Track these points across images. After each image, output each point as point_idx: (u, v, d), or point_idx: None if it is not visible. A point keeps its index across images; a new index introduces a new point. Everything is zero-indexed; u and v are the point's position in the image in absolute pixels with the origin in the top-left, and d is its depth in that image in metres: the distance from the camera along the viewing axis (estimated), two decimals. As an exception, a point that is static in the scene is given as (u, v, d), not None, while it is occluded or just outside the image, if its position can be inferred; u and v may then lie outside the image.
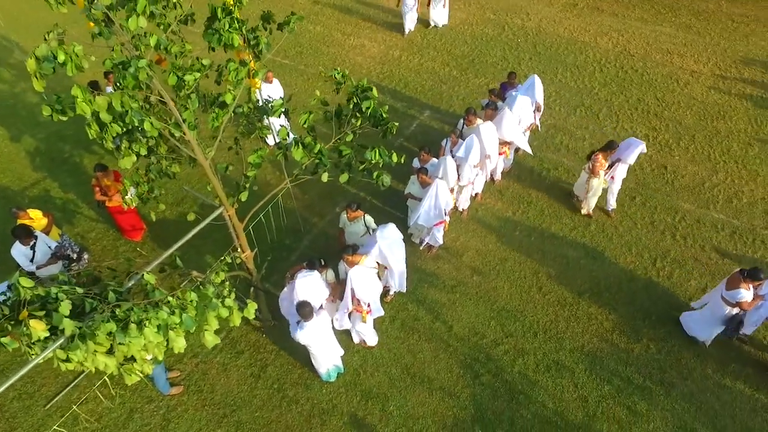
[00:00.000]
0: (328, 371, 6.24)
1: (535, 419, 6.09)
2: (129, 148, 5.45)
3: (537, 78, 8.71)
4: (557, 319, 7.11)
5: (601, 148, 7.78)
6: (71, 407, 6.10)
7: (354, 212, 6.76)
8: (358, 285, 5.89)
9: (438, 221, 7.22)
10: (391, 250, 6.19)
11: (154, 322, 3.98)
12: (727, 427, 6.04)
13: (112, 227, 8.25)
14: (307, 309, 5.30)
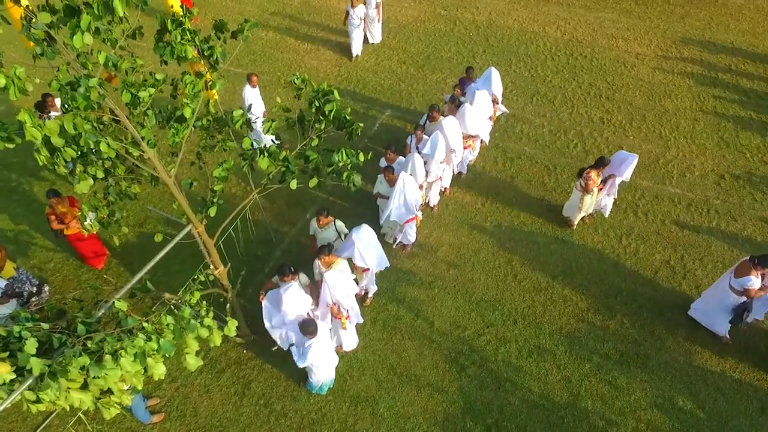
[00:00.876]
0: (322, 384, 6.14)
1: (523, 405, 6.20)
2: (84, 172, 5.20)
3: (494, 70, 8.87)
4: (534, 304, 7.26)
5: (592, 165, 7.49)
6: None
7: (325, 219, 6.68)
8: (335, 288, 5.84)
9: (409, 217, 7.24)
10: (368, 251, 6.17)
11: (131, 350, 3.81)
12: (701, 390, 6.32)
13: (72, 255, 7.86)
14: (312, 327, 5.22)
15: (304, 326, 5.22)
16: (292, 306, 5.47)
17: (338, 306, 5.95)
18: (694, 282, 7.49)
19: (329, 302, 5.90)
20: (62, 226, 7.05)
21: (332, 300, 5.89)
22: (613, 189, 7.80)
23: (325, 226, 6.74)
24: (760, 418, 6.08)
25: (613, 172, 7.61)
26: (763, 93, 11.13)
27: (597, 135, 10.06)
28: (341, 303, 5.95)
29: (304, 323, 5.24)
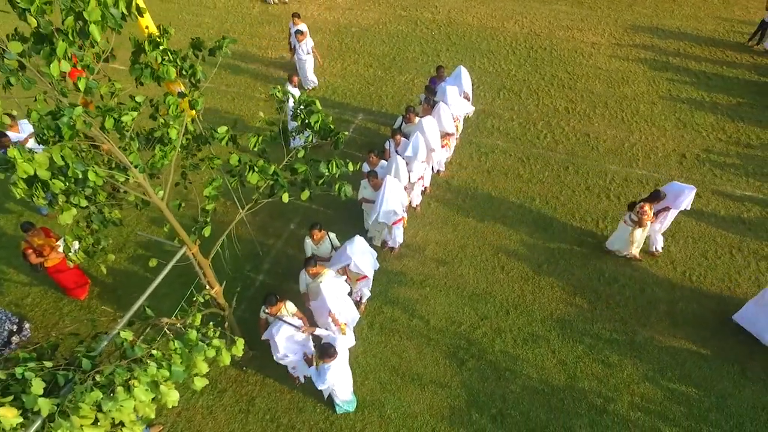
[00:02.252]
0: (349, 401, 6.16)
1: (524, 392, 6.40)
2: (67, 201, 5.03)
3: (463, 69, 9.08)
4: (524, 293, 7.49)
5: (646, 199, 7.13)
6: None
7: (319, 233, 6.64)
8: (333, 296, 5.88)
9: (397, 218, 7.33)
10: (364, 259, 6.25)
11: (144, 379, 3.74)
12: (686, 360, 6.69)
13: (51, 288, 7.56)
14: (331, 350, 5.22)
15: (323, 350, 5.21)
16: (287, 345, 5.56)
17: (336, 314, 5.98)
18: (669, 258, 7.89)
19: (330, 310, 5.91)
20: (41, 259, 6.77)
21: (332, 308, 5.91)
22: (666, 222, 7.56)
23: (320, 241, 6.72)
24: (741, 379, 6.49)
25: (668, 204, 7.27)
26: (711, 74, 11.80)
27: (564, 124, 10.43)
28: (340, 310, 5.98)
29: (323, 348, 5.23)
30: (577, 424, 6.10)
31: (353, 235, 6.52)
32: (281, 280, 7.72)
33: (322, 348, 5.25)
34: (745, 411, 6.18)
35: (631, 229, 7.21)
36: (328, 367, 5.28)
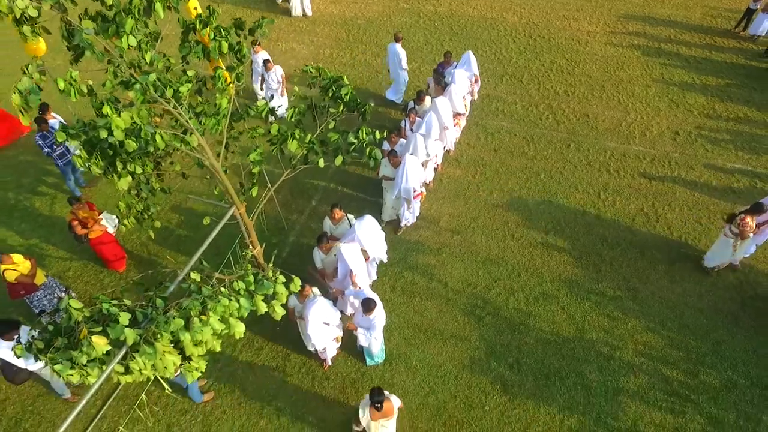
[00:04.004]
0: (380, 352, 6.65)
1: (537, 343, 6.97)
2: (124, 169, 5.54)
3: (471, 53, 9.64)
4: (533, 258, 8.07)
5: (747, 211, 7.10)
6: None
7: (339, 213, 7.01)
8: (352, 260, 6.35)
9: (416, 194, 7.85)
10: (368, 238, 6.67)
11: (219, 310, 4.27)
12: (684, 312, 7.30)
13: (91, 261, 8.04)
14: (372, 303, 5.73)
15: (366, 306, 5.72)
16: (319, 324, 5.87)
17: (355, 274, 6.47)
18: (666, 224, 8.52)
19: (351, 271, 6.42)
20: (86, 231, 7.25)
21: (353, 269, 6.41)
22: (764, 236, 7.51)
23: (339, 221, 7.15)
24: (734, 328, 7.11)
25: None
26: (700, 58, 12.46)
27: (564, 106, 11.03)
28: (359, 272, 6.47)
29: (364, 303, 5.74)
30: (586, 369, 6.69)
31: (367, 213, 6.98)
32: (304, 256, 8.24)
33: (364, 304, 5.77)
34: (737, 354, 6.80)
35: (733, 241, 7.22)
36: (373, 317, 5.81)
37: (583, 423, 6.19)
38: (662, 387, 6.49)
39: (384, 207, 8.47)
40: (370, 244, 6.76)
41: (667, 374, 6.62)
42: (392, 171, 7.95)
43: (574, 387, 6.52)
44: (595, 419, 6.22)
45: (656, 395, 6.42)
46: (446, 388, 6.54)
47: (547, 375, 6.64)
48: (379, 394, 4.98)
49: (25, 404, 6.48)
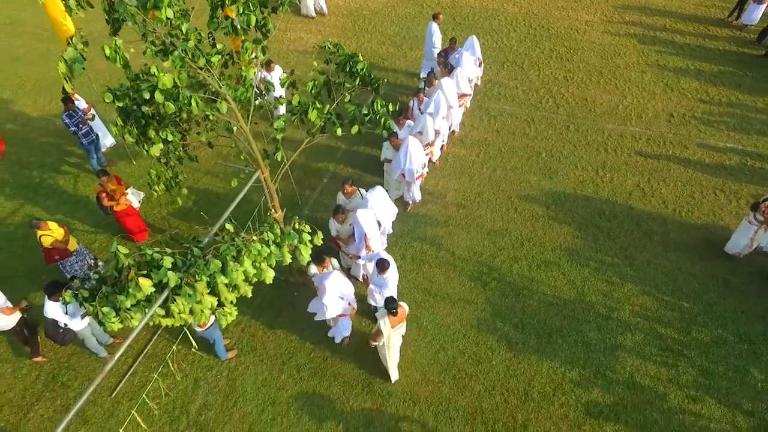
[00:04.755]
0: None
1: (540, 305, 7.42)
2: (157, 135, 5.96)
3: (475, 38, 10.09)
4: (535, 229, 8.51)
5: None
6: (137, 392, 6.50)
7: (350, 187, 7.36)
8: (367, 225, 6.78)
9: (418, 175, 8.23)
10: (379, 207, 7.11)
11: (253, 254, 4.70)
12: (677, 277, 7.75)
13: (115, 234, 8.45)
14: (386, 262, 6.15)
15: (380, 265, 6.14)
16: (335, 295, 6.20)
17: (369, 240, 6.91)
18: (661, 198, 8.97)
19: (366, 235, 6.85)
20: (112, 203, 7.66)
21: (367, 233, 6.84)
22: None
23: (351, 195, 7.55)
24: (724, 291, 7.56)
25: None
26: (694, 46, 12.92)
27: (564, 91, 11.48)
28: (372, 237, 6.90)
29: (378, 263, 6.16)
30: (586, 328, 7.13)
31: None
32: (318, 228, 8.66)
33: (378, 264, 6.20)
34: (728, 314, 7.25)
35: (756, 228, 7.37)
36: (387, 277, 6.24)
37: (583, 375, 6.63)
38: (657, 343, 6.94)
39: (388, 189, 8.90)
40: (381, 212, 7.20)
41: (662, 332, 7.07)
42: (393, 154, 8.31)
43: (575, 344, 6.96)
44: (594, 372, 6.66)
45: (651, 351, 6.87)
46: (455, 345, 6.98)
47: (550, 333, 7.09)
48: (393, 300, 5.70)
49: (61, 361, 6.90)
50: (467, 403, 6.39)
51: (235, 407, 6.41)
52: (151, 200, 8.96)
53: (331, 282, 6.12)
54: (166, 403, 6.45)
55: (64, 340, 6.10)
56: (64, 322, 6.00)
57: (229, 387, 6.60)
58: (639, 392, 6.47)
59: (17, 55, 13.01)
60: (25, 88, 11.90)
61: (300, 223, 5.11)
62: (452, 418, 6.27)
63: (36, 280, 7.79)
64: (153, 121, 5.86)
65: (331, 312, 6.38)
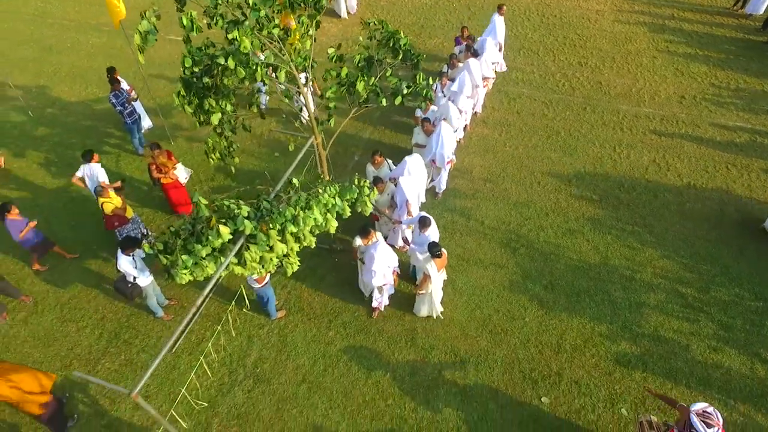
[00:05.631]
0: None
1: (567, 268, 7.90)
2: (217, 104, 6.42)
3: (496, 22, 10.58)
4: (558, 200, 9.00)
5: None
6: (194, 348, 6.95)
7: (379, 158, 7.83)
8: (409, 191, 7.24)
9: (449, 160, 8.66)
10: (417, 174, 7.56)
11: (321, 203, 5.16)
12: (695, 242, 8.24)
13: (159, 209, 8.90)
14: (428, 220, 6.63)
15: (422, 222, 6.61)
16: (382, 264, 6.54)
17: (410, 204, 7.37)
18: (677, 172, 9.47)
19: (407, 200, 7.32)
20: (161, 175, 8.11)
21: (409, 199, 7.31)
22: None
23: (380, 165, 8.01)
24: (739, 256, 8.05)
25: None
26: (702, 33, 13.43)
27: (579, 75, 11.98)
28: (412, 201, 7.37)
29: (421, 220, 6.64)
30: (612, 288, 7.61)
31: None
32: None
33: (421, 221, 6.67)
34: (743, 275, 7.74)
35: None
36: (428, 235, 6.71)
37: (611, 330, 7.11)
38: (678, 301, 7.43)
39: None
40: (418, 179, 7.67)
41: (682, 291, 7.55)
42: (425, 139, 8.70)
43: (602, 302, 7.44)
44: (621, 327, 7.14)
45: (673, 308, 7.35)
46: (490, 304, 7.46)
47: (578, 293, 7.56)
48: (437, 245, 6.24)
49: (121, 321, 7.34)
50: (504, 355, 6.87)
51: (288, 360, 6.86)
52: (192, 178, 9.41)
53: (380, 251, 6.53)
54: (223, 357, 6.90)
55: (132, 295, 6.55)
56: (133, 276, 6.45)
57: (281, 342, 7.06)
58: (663, 344, 6.95)
59: (49, 45, 13.45)
60: (60, 75, 12.34)
61: (360, 179, 5.58)
62: (491, 367, 6.74)
63: (88, 248, 8.24)
64: (210, 93, 6.34)
65: (379, 279, 6.74)
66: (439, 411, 6.31)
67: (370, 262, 6.61)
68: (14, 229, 7.09)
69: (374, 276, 6.68)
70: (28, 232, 7.22)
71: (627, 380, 6.58)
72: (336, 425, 6.22)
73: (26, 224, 7.20)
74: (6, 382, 5.28)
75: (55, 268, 8.02)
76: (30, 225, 7.22)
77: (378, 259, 6.53)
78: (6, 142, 10.42)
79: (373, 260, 6.55)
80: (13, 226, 7.08)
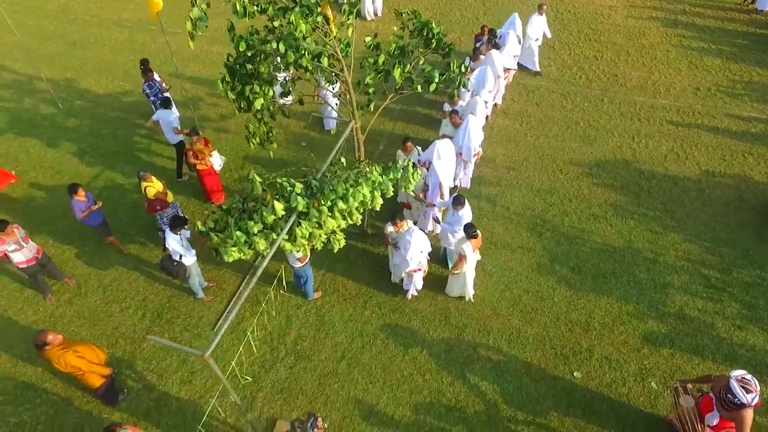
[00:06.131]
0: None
1: (592, 251, 8.14)
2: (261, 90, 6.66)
3: (516, 15, 10.83)
4: (581, 187, 9.24)
5: None
6: (235, 327, 7.19)
7: (411, 145, 8.07)
8: (442, 173, 7.48)
9: (476, 152, 8.87)
10: (447, 158, 7.76)
11: (369, 181, 5.41)
12: (715, 227, 8.48)
13: (193, 196, 9.14)
14: (462, 198, 6.89)
15: (456, 201, 6.85)
16: (416, 249, 6.74)
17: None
18: (695, 160, 9.71)
19: (439, 182, 7.56)
20: (197, 161, 8.35)
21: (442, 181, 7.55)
22: None
23: (410, 152, 8.24)
24: (758, 240, 8.29)
25: None
26: (714, 28, 13.70)
27: (595, 68, 12.24)
28: (445, 184, 7.61)
29: (455, 199, 6.88)
30: (636, 270, 7.85)
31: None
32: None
33: (455, 200, 6.92)
34: (764, 258, 7.99)
35: None
36: (462, 214, 6.95)
37: (638, 309, 7.35)
38: (702, 282, 7.67)
39: None
40: (449, 163, 7.89)
41: (705, 273, 7.79)
42: (452, 131, 8.94)
43: (628, 283, 7.68)
44: (647, 306, 7.38)
45: (697, 288, 7.59)
46: (519, 285, 7.70)
47: (604, 275, 7.80)
48: (472, 226, 6.52)
49: (162, 302, 7.58)
50: (536, 332, 7.11)
51: (327, 338, 7.10)
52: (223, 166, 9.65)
53: (415, 237, 6.72)
54: (264, 336, 7.13)
55: (178, 273, 6.79)
56: (180, 254, 6.68)
57: (319, 321, 7.30)
58: (689, 323, 7.18)
59: (73, 40, 13.70)
60: (86, 69, 12.59)
61: (405, 160, 5.83)
62: (524, 344, 6.98)
63: (126, 233, 8.48)
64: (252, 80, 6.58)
65: (414, 264, 6.91)
66: (475, 385, 6.54)
67: (406, 248, 6.77)
68: (77, 209, 7.37)
69: (411, 261, 6.88)
70: (89, 213, 7.50)
71: (655, 356, 6.82)
72: (377, 398, 6.45)
73: (89, 206, 7.47)
74: (74, 353, 5.51)
75: (95, 253, 8.26)
76: (93, 207, 7.48)
77: (414, 245, 6.73)
78: (38, 132, 10.67)
79: (409, 246, 6.73)
80: (77, 206, 7.35)
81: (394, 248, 7.16)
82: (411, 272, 7.16)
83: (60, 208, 8.82)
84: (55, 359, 5.42)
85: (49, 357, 5.43)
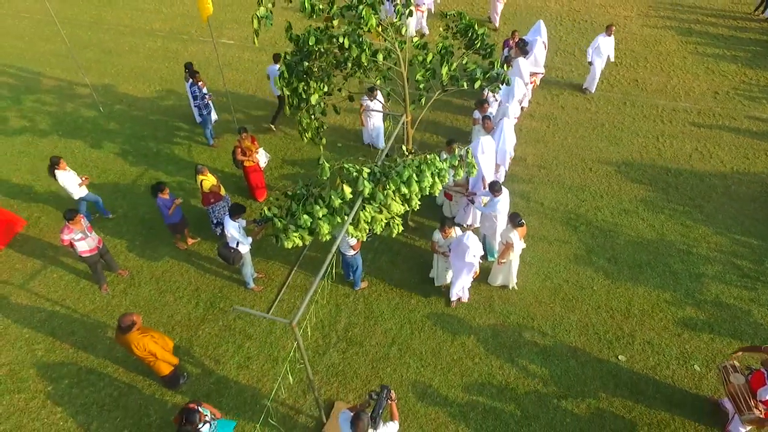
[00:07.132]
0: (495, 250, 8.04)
1: (627, 243, 8.42)
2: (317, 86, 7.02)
3: (542, 22, 11.27)
4: (610, 184, 9.56)
5: None
6: (286, 315, 7.43)
7: (454, 146, 8.38)
8: (485, 163, 7.81)
9: (510, 156, 9.18)
10: (489, 152, 8.08)
11: (432, 166, 5.72)
12: (744, 221, 8.77)
13: (236, 192, 9.45)
14: (498, 185, 7.18)
15: (493, 187, 7.16)
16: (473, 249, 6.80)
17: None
18: (719, 158, 10.05)
19: (482, 175, 7.88)
20: (244, 158, 8.68)
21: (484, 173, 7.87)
22: None
23: (453, 154, 8.54)
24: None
25: None
26: (727, 36, 14.16)
27: (615, 73, 12.65)
28: (487, 175, 7.93)
29: (492, 185, 7.19)
30: (671, 261, 8.13)
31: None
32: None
33: (492, 185, 7.22)
34: (794, 249, 8.27)
35: None
36: (498, 199, 7.26)
37: (675, 297, 7.60)
38: (735, 272, 7.93)
39: None
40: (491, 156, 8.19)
41: (738, 263, 8.06)
42: (485, 135, 9.29)
43: (663, 273, 7.95)
44: (684, 294, 7.64)
45: (731, 277, 7.85)
46: (559, 275, 7.96)
47: (640, 265, 8.07)
48: (518, 215, 6.82)
49: (215, 292, 7.84)
50: (578, 319, 7.35)
51: (376, 325, 7.35)
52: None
53: (471, 240, 6.71)
54: (315, 323, 7.37)
55: (234, 260, 7.06)
56: (237, 241, 6.96)
57: (368, 309, 7.55)
58: (726, 309, 7.43)
59: (108, 48, 14.16)
60: (123, 75, 13.02)
61: (460, 147, 6.16)
62: (567, 330, 7.22)
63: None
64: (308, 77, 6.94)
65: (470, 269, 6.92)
66: (524, 368, 6.77)
67: (464, 252, 6.70)
68: (164, 207, 7.64)
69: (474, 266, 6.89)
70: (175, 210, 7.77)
71: (696, 341, 7.06)
72: (429, 381, 6.68)
73: (172, 202, 7.74)
74: (151, 338, 5.74)
75: (145, 246, 8.55)
76: (176, 202, 7.75)
77: (472, 248, 6.67)
78: (81, 135, 11.03)
79: (468, 250, 6.65)
80: (163, 204, 7.62)
81: (444, 255, 7.31)
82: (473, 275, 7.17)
83: (107, 203, 9.12)
84: (134, 342, 5.61)
85: (129, 340, 5.61)
